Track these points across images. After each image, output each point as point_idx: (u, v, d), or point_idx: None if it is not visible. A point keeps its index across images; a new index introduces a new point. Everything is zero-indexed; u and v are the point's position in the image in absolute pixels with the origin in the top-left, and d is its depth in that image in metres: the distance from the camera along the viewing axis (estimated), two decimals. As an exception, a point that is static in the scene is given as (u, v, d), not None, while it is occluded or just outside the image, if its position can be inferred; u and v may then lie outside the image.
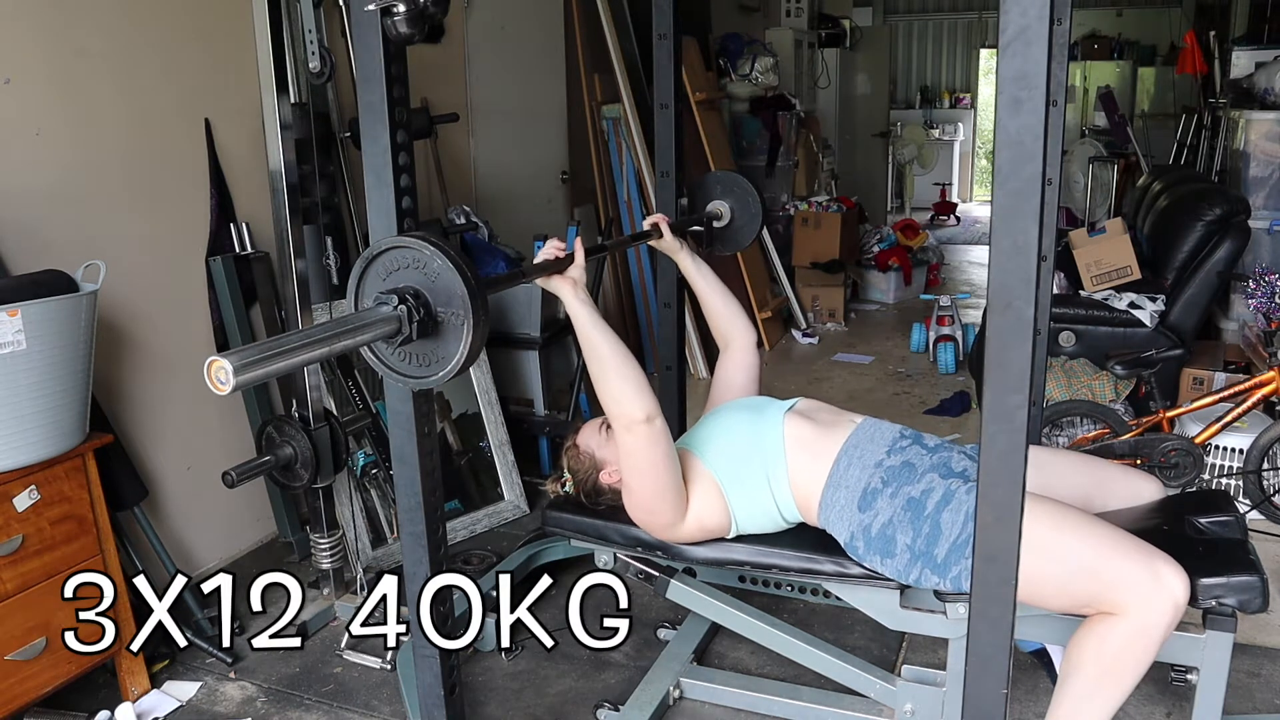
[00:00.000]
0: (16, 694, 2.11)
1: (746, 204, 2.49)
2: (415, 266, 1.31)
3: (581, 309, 1.78)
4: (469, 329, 1.30)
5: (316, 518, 2.70)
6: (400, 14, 1.42)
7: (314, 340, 1.22)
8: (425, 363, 1.35)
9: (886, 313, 6.40)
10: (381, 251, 1.34)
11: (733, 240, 2.54)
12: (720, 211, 2.51)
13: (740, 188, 2.50)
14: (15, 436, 2.05)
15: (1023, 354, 1.03)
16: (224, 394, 1.11)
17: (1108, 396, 3.56)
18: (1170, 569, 1.61)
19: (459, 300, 1.30)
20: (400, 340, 1.32)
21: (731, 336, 2.32)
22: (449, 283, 1.30)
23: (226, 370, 1.09)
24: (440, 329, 1.32)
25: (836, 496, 1.91)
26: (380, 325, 1.29)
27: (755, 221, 2.51)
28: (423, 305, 1.31)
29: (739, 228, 2.52)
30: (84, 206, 2.59)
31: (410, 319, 1.30)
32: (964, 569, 1.77)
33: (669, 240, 2.26)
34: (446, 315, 1.32)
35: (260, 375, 1.14)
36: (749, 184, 2.51)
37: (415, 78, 1.73)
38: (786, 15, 7.48)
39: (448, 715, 1.77)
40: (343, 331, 1.26)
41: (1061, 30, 2.28)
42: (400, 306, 1.29)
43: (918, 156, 10.64)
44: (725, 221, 2.51)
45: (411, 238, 1.31)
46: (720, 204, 2.51)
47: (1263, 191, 4.57)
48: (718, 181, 2.53)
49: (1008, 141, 0.99)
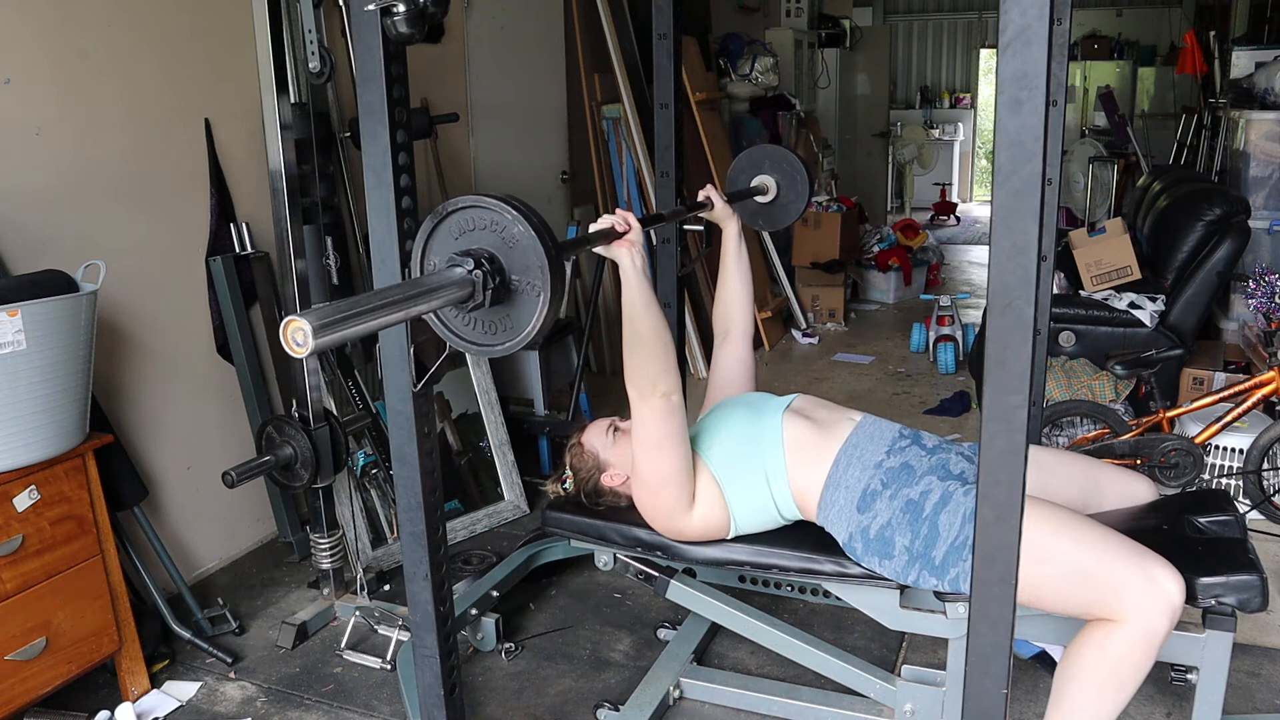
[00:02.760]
0: (16, 694, 2.11)
1: (794, 180, 2.46)
2: (492, 229, 1.24)
3: (636, 274, 1.76)
4: (544, 300, 1.22)
5: (316, 518, 2.70)
6: (400, 14, 1.42)
7: (391, 302, 1.14)
8: (493, 330, 1.28)
9: (886, 313, 6.40)
10: (456, 209, 1.26)
11: (777, 216, 2.51)
12: (766, 186, 2.47)
13: (789, 164, 2.46)
14: (15, 436, 2.05)
15: (1023, 354, 1.03)
16: (301, 355, 1.04)
17: (1108, 396, 3.56)
18: (1166, 573, 1.60)
19: (536, 269, 1.22)
20: (471, 307, 1.25)
21: (733, 323, 2.32)
22: (527, 250, 1.22)
23: (305, 331, 1.02)
24: (513, 297, 1.25)
25: (836, 496, 1.91)
26: (454, 289, 1.21)
27: (801, 199, 2.46)
28: (498, 271, 1.23)
29: (785, 204, 2.48)
30: (84, 206, 2.59)
31: (485, 285, 1.22)
32: (961, 571, 1.77)
33: (721, 208, 2.26)
34: (521, 283, 1.24)
35: (338, 338, 1.07)
36: (798, 160, 2.47)
37: (415, 78, 1.73)
38: (786, 15, 7.47)
39: (448, 715, 1.77)
40: (418, 293, 1.18)
41: (1061, 30, 2.28)
42: (475, 271, 1.22)
43: (918, 156, 10.64)
44: (771, 197, 2.48)
45: (492, 198, 1.23)
46: (767, 178, 2.47)
47: (1263, 191, 4.57)
48: (766, 155, 2.49)
49: (1008, 141, 0.99)
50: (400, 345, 1.56)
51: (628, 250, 1.76)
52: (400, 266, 1.55)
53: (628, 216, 1.77)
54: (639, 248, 1.77)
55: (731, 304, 2.32)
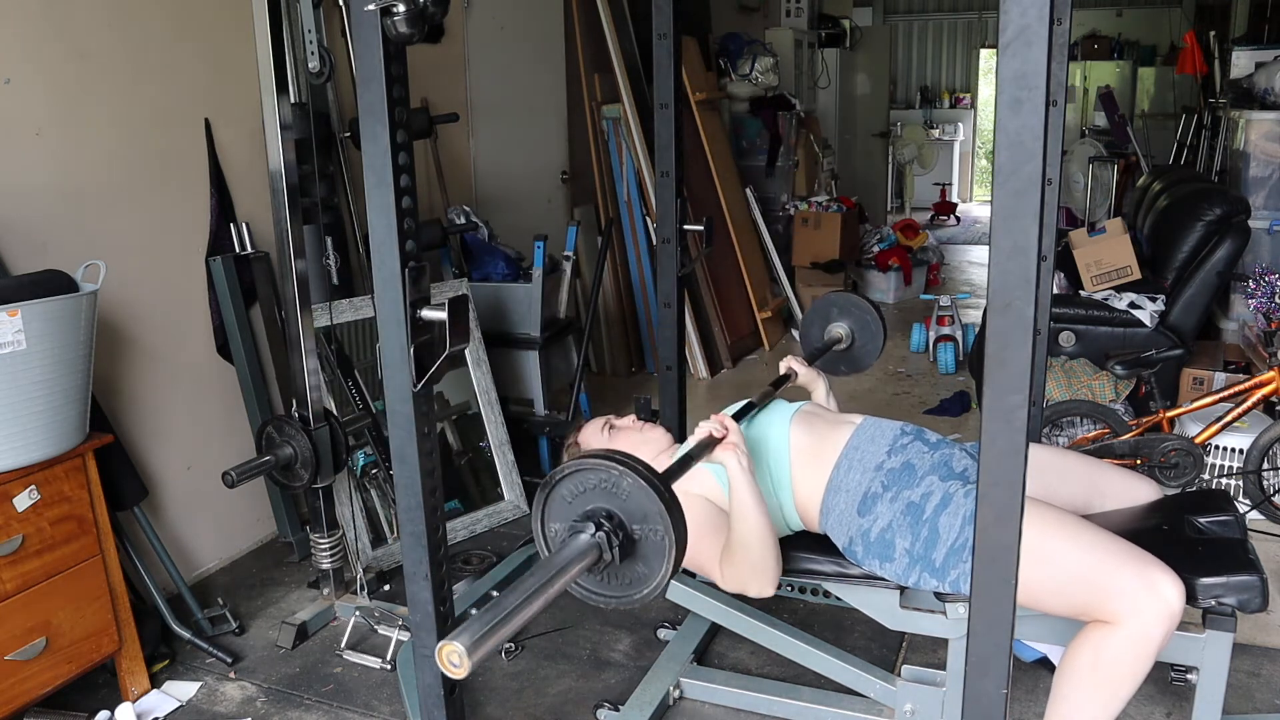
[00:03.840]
0: (16, 694, 2.11)
1: (866, 324, 2.52)
2: (601, 487, 1.24)
3: (745, 478, 1.74)
4: (671, 543, 1.22)
5: (316, 518, 2.70)
6: (400, 14, 1.42)
7: (533, 593, 1.16)
8: (627, 582, 1.28)
9: (886, 313, 6.34)
10: (563, 476, 1.26)
11: (856, 361, 2.57)
12: (840, 335, 2.53)
13: (858, 308, 2.52)
14: (15, 436, 2.05)
15: (1023, 354, 1.03)
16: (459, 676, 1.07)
17: (1108, 396, 3.56)
18: (1165, 577, 1.60)
19: (656, 516, 1.22)
20: (603, 566, 1.25)
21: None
22: (641, 499, 1.22)
23: (460, 653, 1.04)
24: (637, 547, 1.25)
25: (836, 501, 1.91)
26: (584, 558, 1.22)
27: (877, 339, 2.53)
28: (619, 527, 1.24)
29: (860, 347, 2.55)
30: (84, 206, 2.59)
31: (610, 544, 1.23)
32: (962, 573, 1.77)
33: (805, 375, 2.31)
34: (644, 531, 1.24)
35: (492, 648, 1.09)
36: (867, 303, 2.53)
37: (415, 78, 1.73)
38: (786, 15, 7.47)
39: (448, 715, 1.77)
40: (554, 574, 1.19)
41: (1061, 30, 2.28)
42: (599, 533, 1.23)
43: (918, 156, 10.65)
44: (846, 345, 2.54)
45: (594, 458, 1.24)
46: (840, 326, 2.53)
47: (1263, 191, 4.57)
48: (832, 304, 2.55)
49: (1008, 141, 0.99)
50: (400, 345, 1.56)
51: (733, 454, 1.74)
52: (400, 267, 1.54)
53: (724, 421, 1.76)
54: (742, 449, 1.75)
55: None
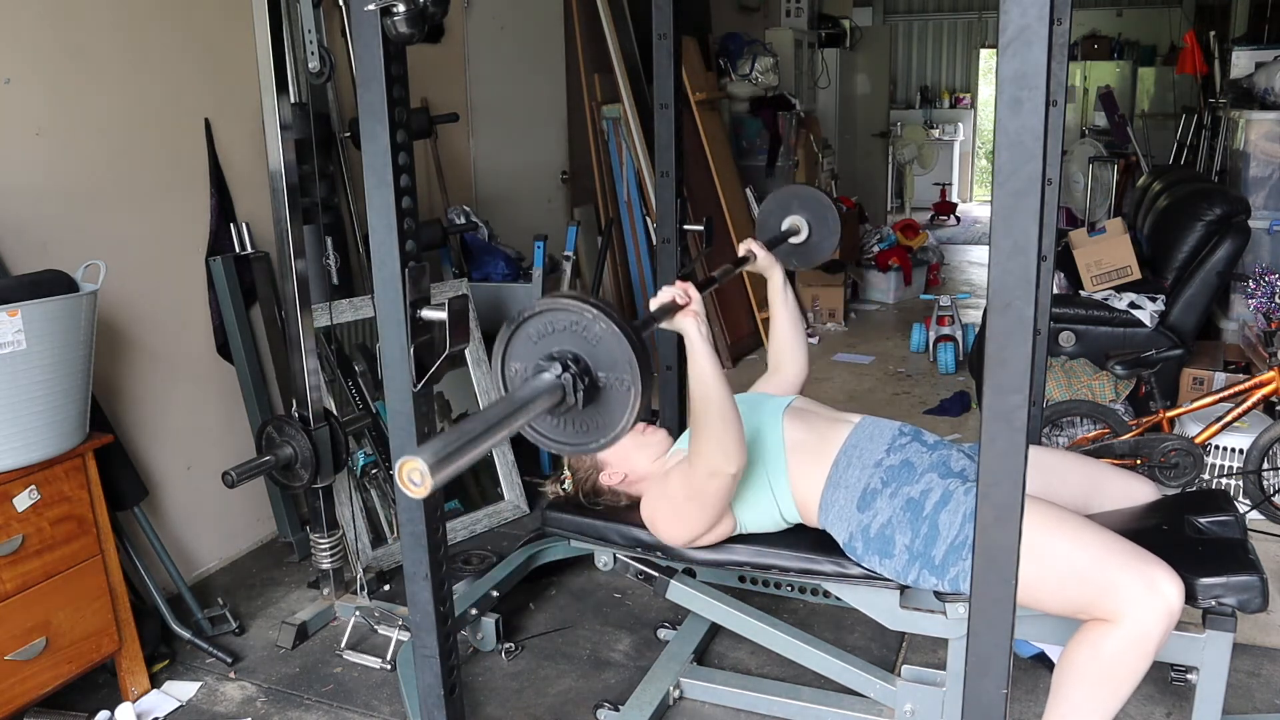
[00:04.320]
0: (16, 694, 2.11)
1: (825, 220, 2.49)
2: (572, 329, 1.22)
3: (704, 346, 1.74)
4: (635, 394, 1.20)
5: (316, 518, 2.70)
6: (400, 14, 1.42)
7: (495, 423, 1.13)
8: (584, 429, 1.26)
9: (886, 313, 6.40)
10: (534, 314, 1.24)
11: (811, 255, 2.53)
12: (798, 227, 2.50)
13: (818, 202, 2.49)
14: (15, 436, 2.05)
15: (1023, 354, 1.03)
16: (419, 496, 1.03)
17: (1108, 396, 3.56)
18: (1165, 576, 1.60)
19: (624, 365, 1.20)
20: (564, 410, 1.23)
21: (782, 365, 2.32)
22: (611, 346, 1.20)
23: (421, 470, 1.01)
24: (601, 394, 1.23)
25: (836, 496, 1.91)
26: (547, 397, 1.19)
27: (833, 236, 2.49)
28: (585, 371, 1.22)
29: (816, 243, 2.51)
30: (84, 206, 2.59)
31: (575, 387, 1.21)
32: (961, 570, 1.77)
33: (764, 259, 2.28)
34: (610, 379, 1.22)
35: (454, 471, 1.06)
36: (828, 199, 2.50)
37: (415, 78, 1.73)
38: (786, 15, 7.48)
39: (448, 715, 1.77)
40: (516, 409, 1.16)
41: (1061, 30, 2.28)
42: (564, 374, 1.21)
43: (918, 156, 10.64)
44: (803, 237, 2.51)
45: (569, 299, 1.22)
46: (798, 219, 2.50)
47: (1263, 191, 4.57)
48: (795, 196, 2.52)
49: (1008, 141, 0.99)
50: (400, 345, 1.56)
51: (693, 320, 1.73)
52: (400, 267, 1.55)
53: (687, 288, 1.75)
54: (702, 316, 1.75)
55: (780, 346, 2.32)
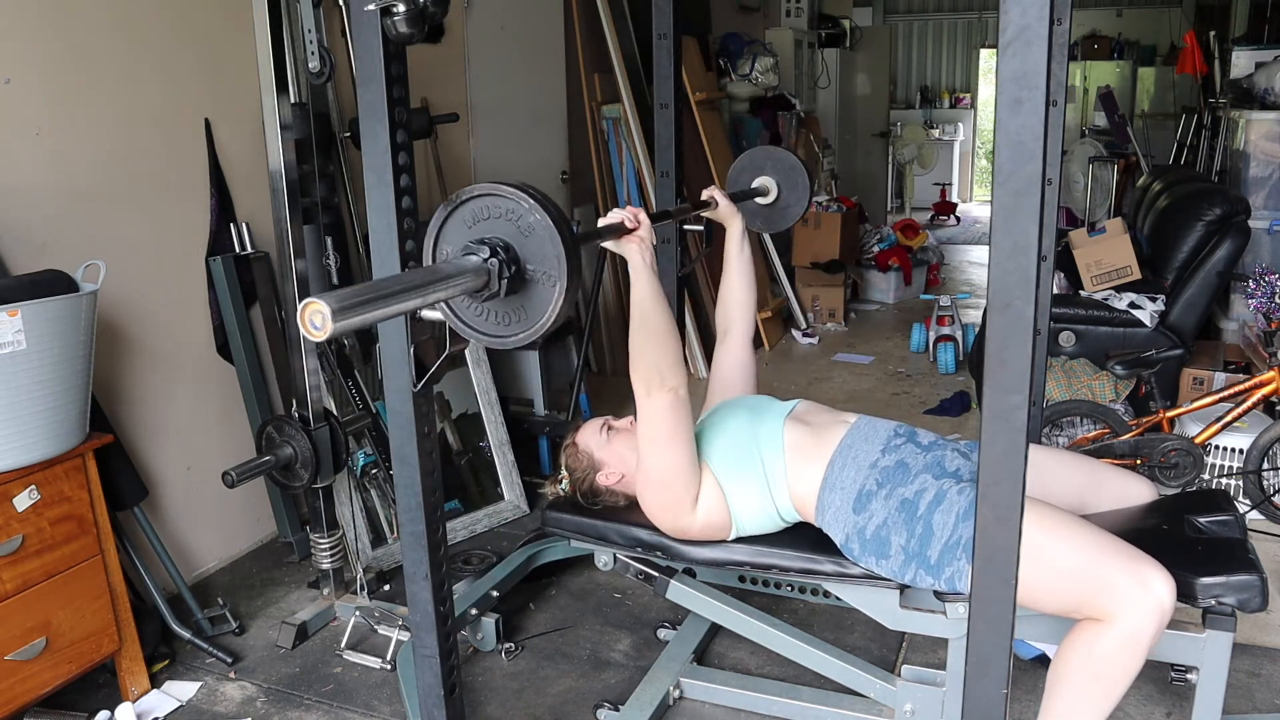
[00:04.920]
0: (16, 694, 2.11)
1: (795, 183, 2.46)
2: (507, 218, 1.21)
3: (645, 270, 1.77)
4: (560, 290, 1.20)
5: (316, 518, 2.70)
6: (400, 14, 1.42)
7: (407, 288, 1.12)
8: (505, 321, 1.26)
9: (886, 313, 6.40)
10: (471, 197, 1.23)
11: (777, 218, 2.51)
12: (767, 187, 2.47)
13: (789, 165, 2.46)
14: (15, 436, 2.05)
15: (1023, 354, 1.03)
16: (319, 339, 1.03)
17: (1108, 396, 3.56)
18: (1156, 573, 1.60)
19: (553, 260, 1.19)
20: (485, 296, 1.22)
21: (732, 323, 2.32)
22: (543, 239, 1.19)
23: (324, 313, 1.01)
24: (527, 287, 1.22)
25: (832, 498, 1.91)
26: (469, 277, 1.18)
27: (802, 202, 2.47)
28: (513, 260, 1.21)
29: (784, 206, 2.49)
30: (84, 206, 2.59)
31: (501, 274, 1.20)
32: (956, 570, 1.77)
33: (725, 207, 2.26)
34: (537, 273, 1.21)
35: (356, 321, 1.05)
36: (799, 162, 2.47)
37: (415, 78, 1.73)
38: (786, 15, 7.47)
39: (448, 715, 1.77)
40: (433, 280, 1.15)
41: (1061, 30, 2.28)
42: (491, 259, 1.19)
43: (918, 156, 10.64)
44: (772, 198, 2.48)
45: (508, 185, 1.21)
46: (768, 180, 2.47)
47: (1263, 191, 4.58)
48: (767, 157, 2.49)
49: (1008, 141, 0.99)
50: (400, 345, 1.56)
51: (638, 246, 1.76)
52: (400, 267, 1.55)
53: (637, 213, 1.77)
54: (648, 244, 1.77)
55: (732, 303, 2.32)
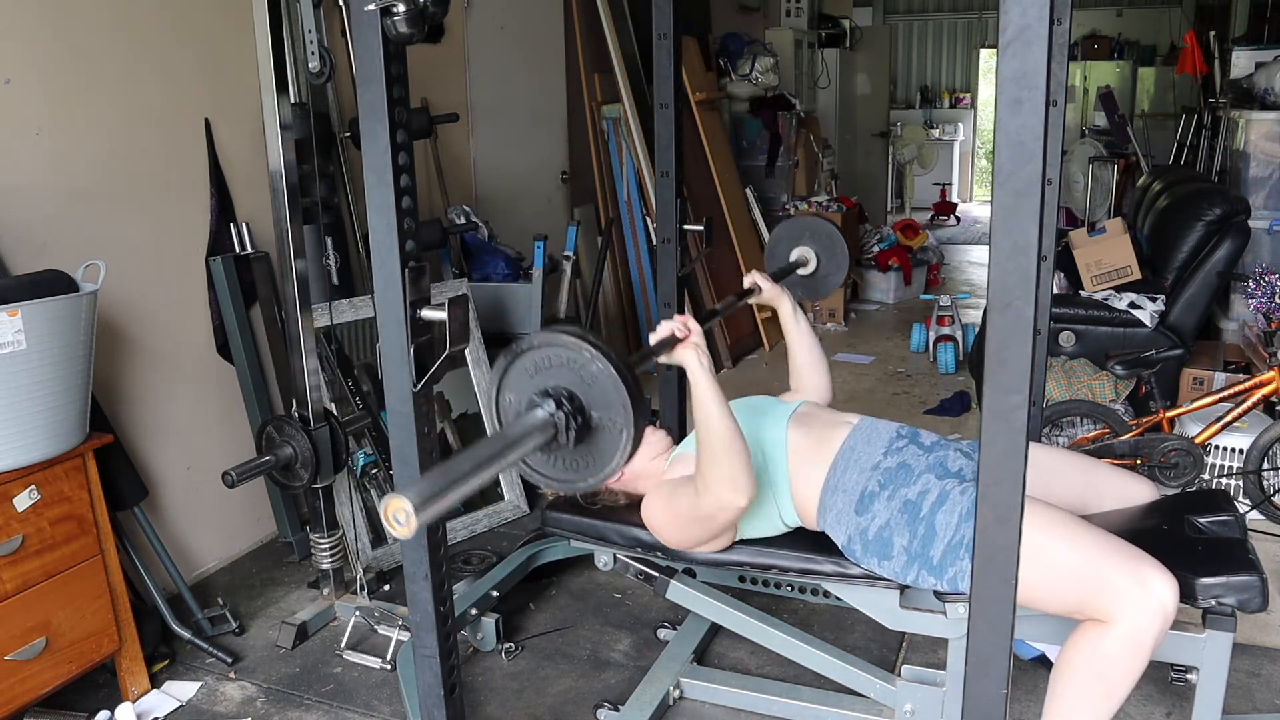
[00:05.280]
0: (16, 694, 2.11)
1: (833, 253, 2.49)
2: (569, 366, 1.20)
3: (705, 377, 1.73)
4: (628, 438, 1.19)
5: (316, 518, 2.70)
6: (400, 14, 1.42)
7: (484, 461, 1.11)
8: (574, 467, 1.25)
9: (886, 313, 6.40)
10: (530, 349, 1.22)
11: (818, 288, 2.54)
12: (806, 258, 2.50)
13: (827, 235, 2.49)
14: (15, 436, 2.05)
15: (1023, 354, 1.03)
16: (404, 536, 1.01)
17: (1108, 396, 3.56)
18: (1158, 574, 1.60)
19: (618, 407, 1.18)
20: (554, 448, 1.22)
21: (804, 388, 2.30)
22: (606, 387, 1.18)
23: (407, 510, 0.99)
24: (593, 434, 1.21)
25: (834, 500, 1.91)
26: (538, 434, 1.18)
27: (841, 270, 2.50)
28: (579, 410, 1.20)
29: (824, 276, 2.51)
30: (84, 206, 2.59)
31: (568, 426, 1.19)
32: (959, 570, 1.77)
33: (769, 290, 2.28)
34: (603, 420, 1.20)
35: (439, 510, 1.04)
36: (835, 230, 2.49)
37: (415, 78, 1.73)
38: (786, 15, 7.47)
39: (448, 715, 1.77)
40: (506, 447, 1.14)
41: (1061, 30, 2.28)
42: (557, 412, 1.19)
43: (918, 156, 10.64)
44: (811, 269, 2.51)
45: (567, 335, 1.20)
46: (806, 250, 2.49)
47: (1263, 191, 4.57)
48: (805, 228, 2.52)
49: (1008, 141, 0.99)
50: (400, 345, 1.56)
51: (693, 352, 1.73)
52: (400, 267, 1.55)
53: (687, 321, 1.75)
54: (703, 348, 1.75)
55: (800, 370, 2.31)
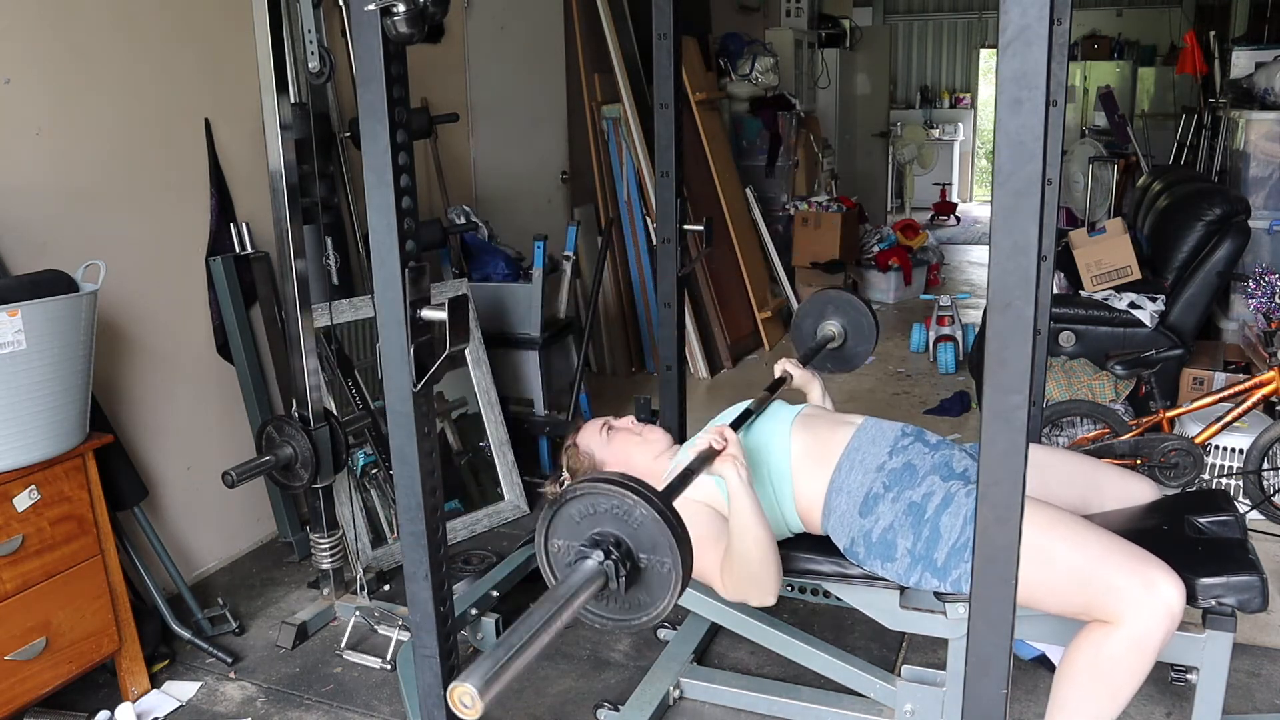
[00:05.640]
0: (16, 694, 2.11)
1: (860, 325, 2.50)
2: (613, 513, 1.22)
3: (745, 490, 1.74)
4: (677, 578, 1.21)
5: (316, 518, 2.70)
6: (400, 14, 1.42)
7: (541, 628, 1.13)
8: (627, 608, 1.27)
9: (886, 313, 6.40)
10: (574, 497, 1.24)
11: (847, 360, 2.55)
12: (833, 333, 2.51)
13: (853, 308, 2.50)
14: (15, 436, 2.05)
15: (1023, 354, 1.03)
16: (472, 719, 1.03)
17: (1108, 396, 3.56)
18: (1165, 577, 1.59)
19: (665, 548, 1.20)
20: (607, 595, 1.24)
21: None
22: (653, 530, 1.20)
23: (472, 694, 1.01)
24: (642, 575, 1.23)
25: (838, 502, 1.91)
26: (590, 586, 1.20)
27: (869, 342, 2.51)
28: (627, 556, 1.22)
29: (852, 348, 2.53)
30: (84, 206, 2.59)
31: (618, 574, 1.21)
32: (963, 572, 1.76)
33: (800, 378, 2.30)
34: (651, 561, 1.22)
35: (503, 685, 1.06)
36: (861, 303, 2.50)
37: (415, 78, 1.73)
38: (786, 15, 7.47)
39: (448, 715, 1.76)
40: (560, 606, 1.17)
41: (1061, 30, 2.28)
42: (606, 561, 1.21)
43: (918, 156, 10.64)
44: (839, 343, 2.52)
45: (608, 484, 1.22)
46: (833, 324, 2.51)
47: (1263, 191, 4.57)
48: (829, 301, 2.53)
49: (1008, 141, 0.99)
50: (400, 345, 1.56)
51: (733, 466, 1.73)
52: (400, 267, 1.54)
53: (724, 432, 1.75)
54: (741, 461, 1.75)
55: None
